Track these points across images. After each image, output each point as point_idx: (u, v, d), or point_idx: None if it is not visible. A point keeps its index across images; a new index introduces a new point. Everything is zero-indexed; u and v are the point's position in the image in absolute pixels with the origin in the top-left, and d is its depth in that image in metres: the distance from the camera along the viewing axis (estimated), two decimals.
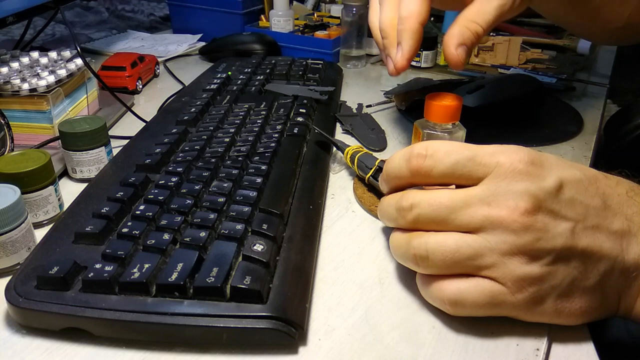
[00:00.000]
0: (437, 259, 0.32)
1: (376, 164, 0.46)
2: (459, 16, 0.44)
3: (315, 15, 1.01)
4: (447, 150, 0.33)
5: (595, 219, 0.31)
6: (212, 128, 0.53)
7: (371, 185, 0.48)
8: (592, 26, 0.63)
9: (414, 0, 0.43)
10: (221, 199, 0.40)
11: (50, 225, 0.41)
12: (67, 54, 0.62)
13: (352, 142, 0.59)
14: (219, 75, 0.69)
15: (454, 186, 0.33)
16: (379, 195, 0.47)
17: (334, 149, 0.55)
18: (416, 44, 0.44)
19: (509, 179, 0.31)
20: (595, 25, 0.62)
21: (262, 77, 0.69)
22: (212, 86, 0.65)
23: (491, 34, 0.92)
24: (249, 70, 0.72)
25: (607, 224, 0.31)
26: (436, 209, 0.32)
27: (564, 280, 0.31)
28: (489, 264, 0.31)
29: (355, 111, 0.66)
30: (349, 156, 0.50)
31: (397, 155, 0.35)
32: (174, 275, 0.33)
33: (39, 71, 0.57)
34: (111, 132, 0.60)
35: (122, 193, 0.41)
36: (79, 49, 0.60)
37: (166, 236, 0.36)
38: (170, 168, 0.45)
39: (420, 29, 0.44)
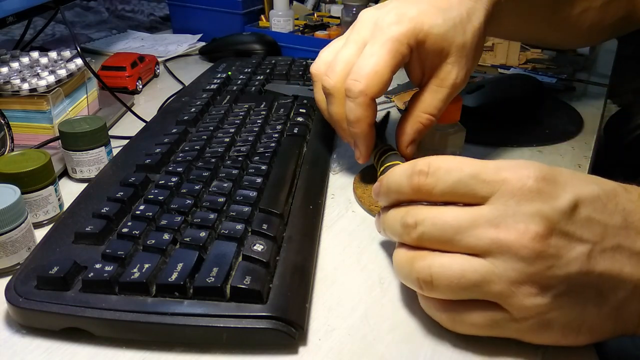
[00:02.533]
0: (441, 284, 0.30)
1: (392, 163, 0.43)
2: (411, 107, 0.46)
3: (315, 15, 1.01)
4: (449, 168, 0.30)
5: (615, 239, 0.29)
6: (212, 128, 0.53)
7: (372, 184, 0.48)
8: (553, 35, 0.62)
9: (360, 105, 0.42)
10: (221, 199, 0.40)
11: (50, 225, 0.41)
12: (67, 54, 0.62)
13: None
14: (219, 75, 0.69)
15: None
16: None
17: (334, 148, 0.55)
18: (371, 143, 0.45)
19: (518, 198, 0.28)
20: (556, 33, 0.61)
21: (262, 77, 0.69)
22: (212, 86, 0.65)
23: None
24: (249, 70, 0.72)
25: (628, 244, 0.29)
26: (440, 228, 0.30)
27: (575, 309, 0.29)
28: (496, 292, 0.29)
29: None
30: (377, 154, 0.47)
31: (398, 170, 0.33)
32: (174, 275, 0.33)
33: (39, 71, 0.57)
34: (111, 132, 0.60)
35: (122, 193, 0.41)
36: (79, 49, 0.60)
37: (166, 236, 0.36)
38: (170, 168, 0.45)
39: (371, 130, 0.44)
